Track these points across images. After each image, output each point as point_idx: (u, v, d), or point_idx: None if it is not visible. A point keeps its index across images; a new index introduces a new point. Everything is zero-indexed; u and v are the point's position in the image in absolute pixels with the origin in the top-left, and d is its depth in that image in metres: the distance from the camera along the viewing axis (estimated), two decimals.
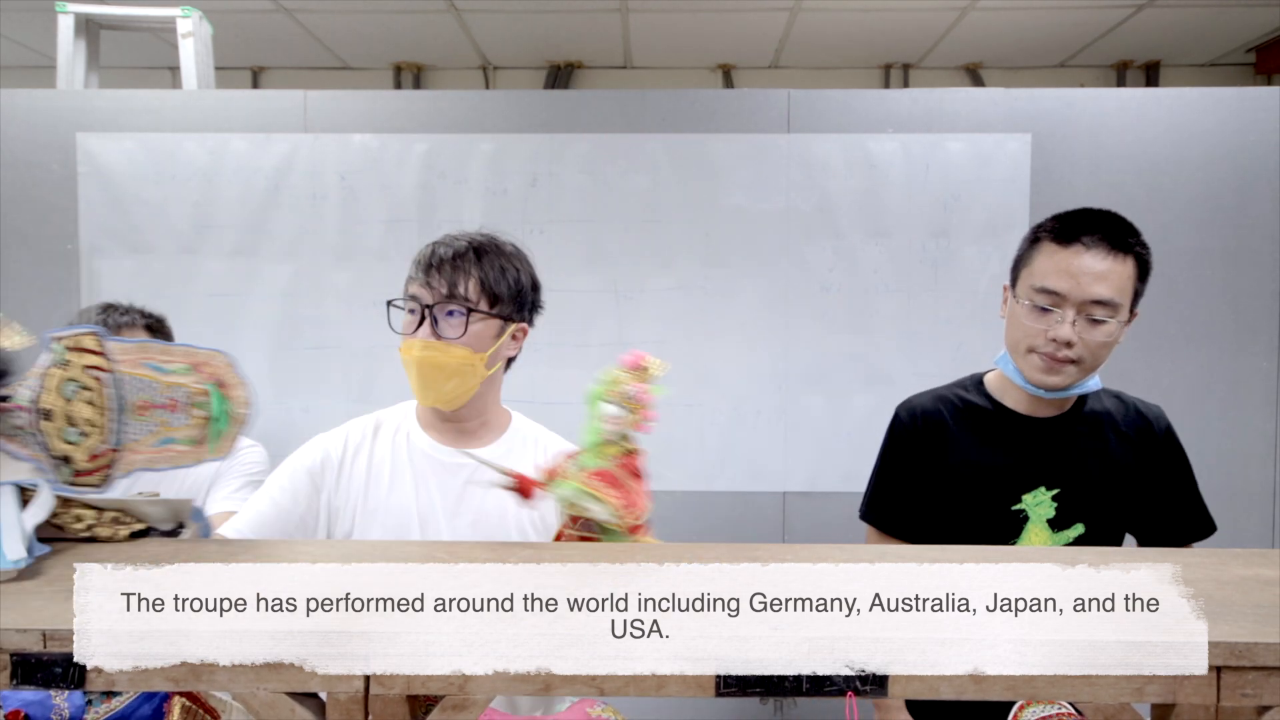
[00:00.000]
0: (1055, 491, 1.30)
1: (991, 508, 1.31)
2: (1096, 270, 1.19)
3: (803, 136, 2.24)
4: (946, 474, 1.35)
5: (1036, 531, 1.30)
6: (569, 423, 1.27)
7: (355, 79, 4.43)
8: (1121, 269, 1.21)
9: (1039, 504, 1.30)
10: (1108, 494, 1.32)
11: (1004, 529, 1.31)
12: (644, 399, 0.95)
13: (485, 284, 1.24)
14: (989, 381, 1.40)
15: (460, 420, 1.30)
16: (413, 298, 1.24)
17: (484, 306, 1.24)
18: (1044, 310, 1.22)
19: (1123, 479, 1.33)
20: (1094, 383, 1.31)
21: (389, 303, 1.28)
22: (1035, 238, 1.28)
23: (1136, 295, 1.25)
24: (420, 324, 1.22)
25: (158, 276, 2.25)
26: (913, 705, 1.39)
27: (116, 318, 1.69)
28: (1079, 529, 1.30)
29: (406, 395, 1.33)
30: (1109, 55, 4.18)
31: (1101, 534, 1.31)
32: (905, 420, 1.40)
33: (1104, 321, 1.21)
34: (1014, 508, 1.30)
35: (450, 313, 1.22)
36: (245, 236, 2.26)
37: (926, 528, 1.37)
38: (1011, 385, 1.34)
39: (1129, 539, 1.42)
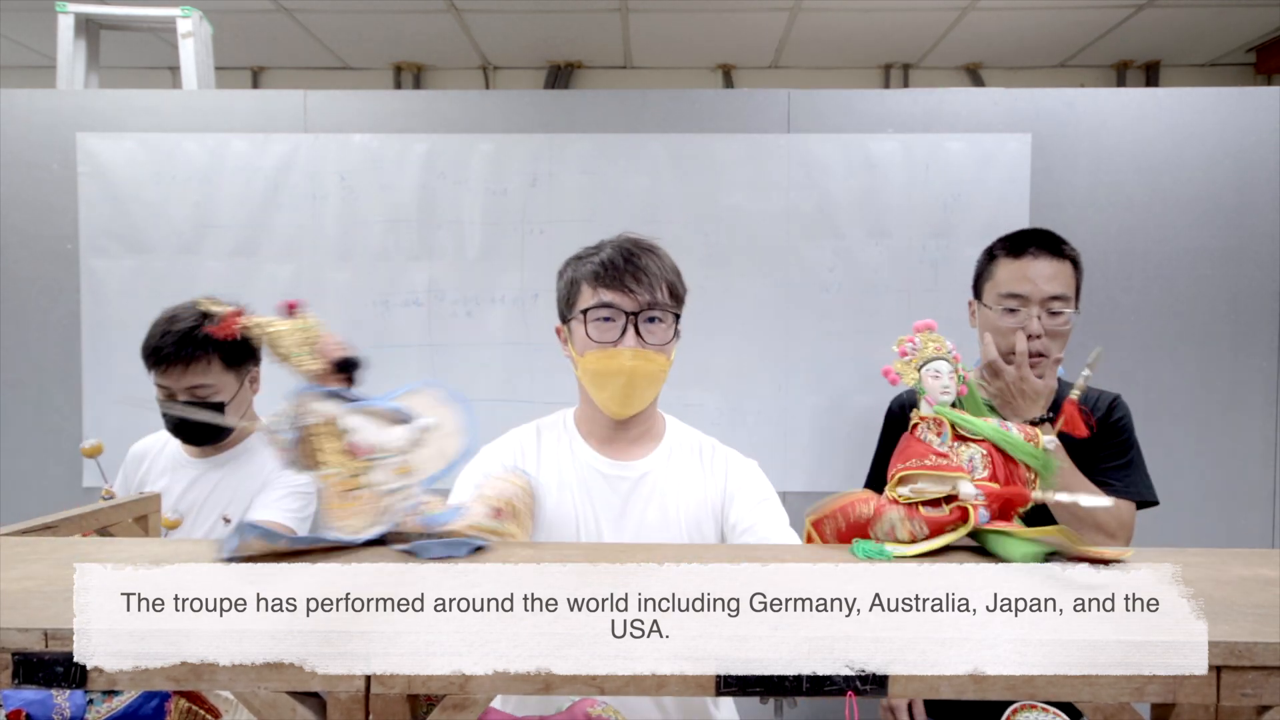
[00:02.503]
0: None
1: None
2: (1047, 273, 1.45)
3: (803, 136, 2.24)
4: None
5: None
6: None
7: (355, 79, 4.43)
8: (1064, 269, 1.47)
9: None
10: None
11: None
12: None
13: (672, 286, 1.20)
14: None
15: (631, 428, 1.25)
16: (607, 305, 1.15)
17: (676, 309, 1.20)
18: (1012, 311, 1.46)
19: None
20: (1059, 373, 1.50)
21: (584, 312, 1.18)
22: (991, 255, 1.52)
23: (1078, 291, 1.50)
24: (623, 333, 1.15)
25: (158, 276, 2.25)
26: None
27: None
28: None
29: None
30: (1109, 55, 4.18)
31: None
32: (895, 411, 1.66)
33: (1060, 312, 1.45)
34: None
35: (652, 319, 1.17)
36: (245, 236, 2.26)
37: None
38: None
39: None
